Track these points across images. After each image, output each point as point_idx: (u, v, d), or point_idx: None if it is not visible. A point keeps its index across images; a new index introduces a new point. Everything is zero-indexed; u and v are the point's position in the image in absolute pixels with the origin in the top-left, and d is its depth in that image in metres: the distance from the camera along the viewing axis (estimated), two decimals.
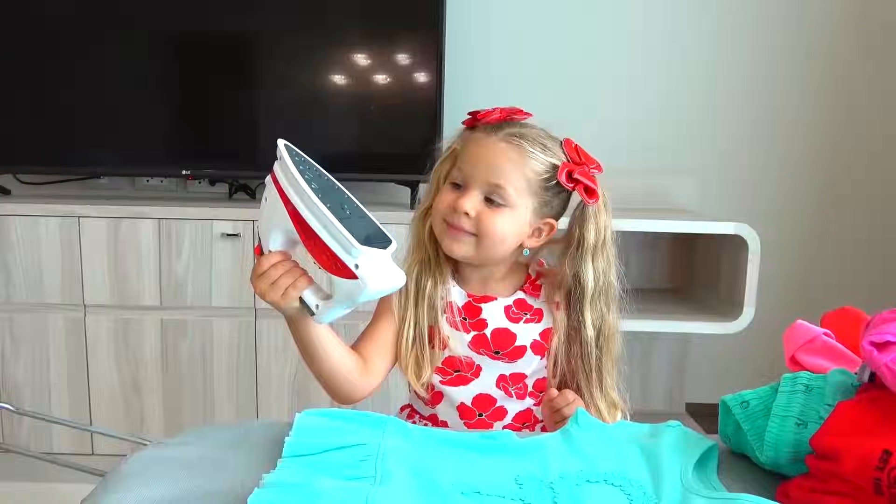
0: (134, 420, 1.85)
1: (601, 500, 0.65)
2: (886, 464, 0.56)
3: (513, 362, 0.97)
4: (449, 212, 0.92)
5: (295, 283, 0.82)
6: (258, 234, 0.83)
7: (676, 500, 0.64)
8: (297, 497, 0.58)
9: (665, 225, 1.80)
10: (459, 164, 0.93)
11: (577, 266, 0.94)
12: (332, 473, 0.64)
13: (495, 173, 0.90)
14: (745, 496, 0.61)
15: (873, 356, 0.59)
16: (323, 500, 0.58)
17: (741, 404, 0.73)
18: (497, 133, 0.92)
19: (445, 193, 0.94)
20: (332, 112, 1.98)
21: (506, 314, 0.97)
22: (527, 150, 0.91)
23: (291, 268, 0.83)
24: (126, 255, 1.78)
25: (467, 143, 0.94)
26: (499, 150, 0.91)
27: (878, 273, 2.18)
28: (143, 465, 0.72)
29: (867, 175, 2.15)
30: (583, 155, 0.94)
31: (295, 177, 0.76)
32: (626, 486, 0.68)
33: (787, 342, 0.79)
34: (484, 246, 0.92)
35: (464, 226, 0.91)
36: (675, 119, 2.13)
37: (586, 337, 0.95)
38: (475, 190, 0.91)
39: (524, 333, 0.97)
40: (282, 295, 0.82)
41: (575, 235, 0.94)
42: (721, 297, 1.92)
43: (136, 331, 1.82)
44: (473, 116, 0.96)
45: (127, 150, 1.99)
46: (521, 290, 0.99)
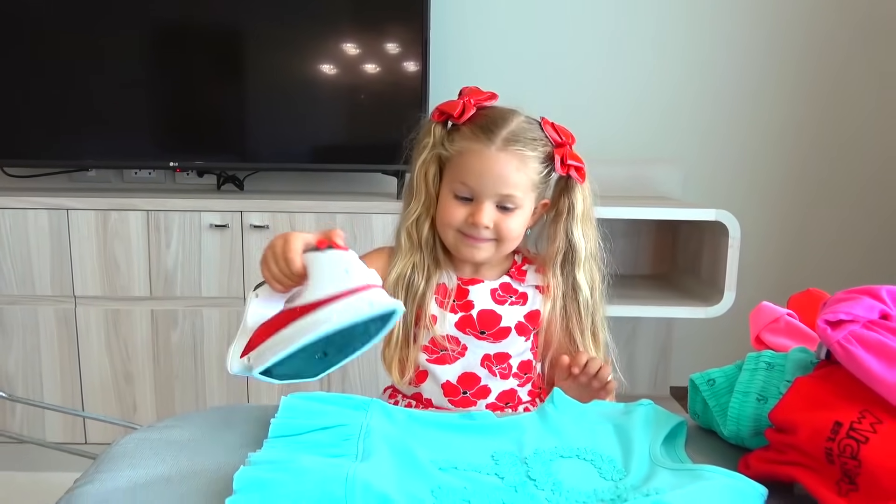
0: (126, 409, 1.88)
1: (572, 473, 0.68)
2: (837, 434, 0.59)
3: (497, 342, 1.02)
4: (466, 226, 0.96)
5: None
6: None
7: (644, 472, 0.67)
8: (281, 473, 0.61)
9: (647, 212, 1.83)
10: (462, 178, 0.95)
11: (569, 232, 1.00)
12: (315, 452, 0.67)
13: (504, 185, 0.94)
14: (707, 467, 0.65)
15: (827, 334, 0.62)
16: (306, 476, 0.60)
17: (708, 382, 0.76)
18: (493, 141, 0.94)
19: (454, 207, 0.96)
20: (318, 103, 1.99)
21: (492, 296, 1.02)
22: (527, 154, 0.95)
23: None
24: (115, 246, 1.80)
25: (465, 157, 0.95)
26: (501, 161, 0.94)
27: (855, 258, 2.23)
28: (133, 447, 0.75)
29: (847, 162, 2.19)
30: (561, 132, 0.98)
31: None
32: (597, 461, 0.71)
33: (753, 322, 0.82)
34: (503, 247, 0.99)
35: (484, 237, 0.96)
36: (657, 107, 2.16)
37: (582, 298, 1.01)
38: (487, 202, 0.95)
39: (509, 315, 1.02)
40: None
41: (565, 205, 1.00)
42: (703, 282, 1.96)
43: (127, 321, 1.84)
44: (446, 114, 0.98)
45: (114, 143, 2.00)
46: (507, 274, 1.04)
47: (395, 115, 2.04)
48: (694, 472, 0.64)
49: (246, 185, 2.09)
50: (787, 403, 0.65)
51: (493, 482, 0.66)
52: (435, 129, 0.99)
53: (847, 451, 0.58)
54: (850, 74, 2.15)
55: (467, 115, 0.96)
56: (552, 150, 0.97)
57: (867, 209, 2.22)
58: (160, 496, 0.64)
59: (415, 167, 1.00)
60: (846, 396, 0.61)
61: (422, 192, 1.00)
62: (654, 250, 2.20)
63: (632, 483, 0.66)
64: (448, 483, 0.64)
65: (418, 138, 1.01)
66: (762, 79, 2.15)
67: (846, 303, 0.63)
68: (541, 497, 0.63)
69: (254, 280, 1.81)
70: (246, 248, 1.81)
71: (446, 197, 0.98)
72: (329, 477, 0.60)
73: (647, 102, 2.16)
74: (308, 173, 2.15)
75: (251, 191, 2.07)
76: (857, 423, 0.58)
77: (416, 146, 1.01)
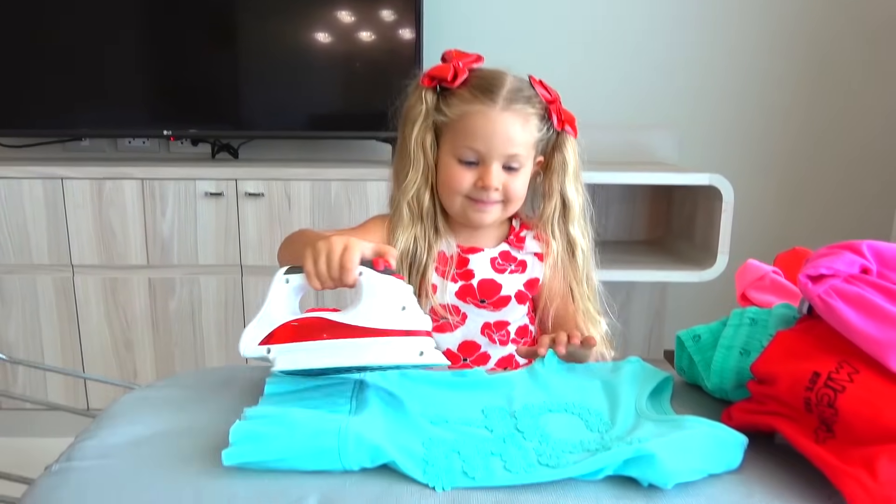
0: (127, 376, 1.90)
1: (560, 425, 0.70)
2: (815, 384, 0.61)
3: (497, 310, 1.03)
4: (475, 191, 0.96)
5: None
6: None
7: (629, 424, 0.69)
8: (277, 427, 0.62)
9: (641, 177, 1.83)
10: (467, 142, 0.94)
11: (563, 187, 1.01)
12: (310, 407, 0.69)
13: (511, 144, 0.94)
14: (689, 417, 0.67)
15: (808, 288, 0.64)
16: (300, 428, 0.62)
17: (693, 338, 0.78)
18: (496, 101, 0.93)
19: (460, 172, 0.95)
20: (311, 71, 1.98)
21: (491, 265, 1.03)
22: (529, 112, 0.95)
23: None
24: (111, 215, 1.81)
25: (469, 120, 0.94)
26: (507, 120, 0.93)
27: (848, 222, 2.24)
28: (132, 405, 0.77)
29: (840, 127, 2.19)
30: (549, 89, 0.98)
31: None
32: (585, 414, 0.73)
33: (739, 280, 0.83)
34: (509, 209, 0.99)
35: (493, 199, 0.96)
36: (652, 71, 2.15)
37: (580, 252, 1.03)
38: (495, 163, 0.95)
39: (509, 283, 1.02)
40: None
41: (559, 161, 1.00)
42: (697, 246, 1.97)
43: (125, 290, 1.85)
44: (437, 79, 0.96)
45: (108, 112, 1.99)
46: (506, 241, 1.04)
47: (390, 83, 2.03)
48: (676, 422, 0.66)
49: (240, 154, 2.08)
50: (768, 356, 0.66)
51: (483, 434, 0.68)
52: (426, 96, 0.97)
53: (825, 399, 0.60)
54: (846, 37, 2.13)
55: (461, 78, 0.95)
56: (546, 106, 0.97)
57: (861, 174, 2.22)
58: (159, 450, 0.66)
59: (410, 136, 0.98)
60: (825, 348, 0.63)
61: (420, 162, 0.98)
62: (650, 215, 2.21)
63: (617, 434, 0.68)
64: (438, 435, 0.66)
65: (408, 106, 0.99)
66: (757, 42, 2.13)
67: (828, 258, 0.64)
68: (528, 448, 0.65)
69: (250, 248, 1.84)
70: (241, 216, 1.82)
71: (449, 163, 0.96)
72: (323, 430, 0.62)
73: (642, 67, 2.15)
74: (302, 141, 2.15)
75: (246, 159, 2.07)
76: (834, 373, 0.60)
77: (407, 114, 0.99)
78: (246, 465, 0.61)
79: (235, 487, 0.60)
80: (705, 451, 0.61)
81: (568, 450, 0.65)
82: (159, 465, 0.64)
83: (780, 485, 0.61)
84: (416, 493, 0.59)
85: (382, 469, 0.62)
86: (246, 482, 0.60)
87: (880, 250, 0.64)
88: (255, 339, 0.71)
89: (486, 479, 0.60)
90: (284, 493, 0.59)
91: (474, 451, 0.64)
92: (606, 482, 0.61)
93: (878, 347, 0.58)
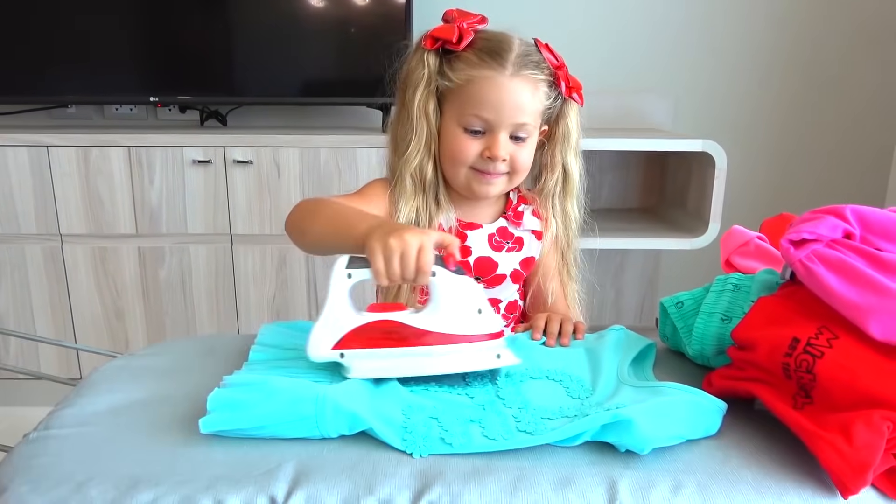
0: (119, 345, 1.90)
1: (540, 392, 0.70)
2: (794, 350, 0.60)
3: (491, 288, 1.00)
4: (481, 162, 0.91)
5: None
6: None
7: (609, 390, 0.69)
8: (255, 394, 0.62)
9: (633, 143, 1.81)
10: (474, 109, 0.88)
11: (565, 158, 0.97)
12: (290, 374, 0.69)
13: (520, 113, 0.89)
14: (669, 384, 0.67)
15: (790, 253, 0.63)
16: (278, 396, 0.62)
17: (676, 305, 0.78)
18: (505, 67, 0.87)
19: (465, 142, 0.90)
20: (300, 36, 1.94)
21: (489, 242, 0.99)
22: (538, 78, 0.90)
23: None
24: (98, 183, 1.79)
25: (476, 86, 0.88)
26: (517, 88, 0.88)
27: (842, 188, 2.23)
28: (113, 373, 0.76)
29: (834, 93, 2.16)
30: (555, 53, 0.93)
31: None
32: (566, 381, 0.73)
33: (723, 246, 0.83)
34: (515, 180, 0.95)
35: (500, 171, 0.92)
36: (646, 35, 2.11)
37: (574, 226, 1.01)
38: (503, 132, 0.89)
39: (505, 262, 1.00)
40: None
41: (562, 129, 0.96)
42: (689, 213, 1.96)
43: (114, 259, 1.84)
44: (440, 41, 0.89)
45: (95, 78, 1.95)
46: (503, 217, 1.01)
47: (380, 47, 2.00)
48: (656, 388, 0.66)
49: (229, 121, 2.06)
50: (748, 321, 0.66)
51: (463, 401, 0.68)
52: (428, 58, 0.90)
53: (803, 365, 0.60)
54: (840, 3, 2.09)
55: (466, 40, 0.88)
56: (553, 73, 0.92)
57: (855, 140, 2.20)
58: (138, 418, 0.66)
59: (412, 102, 0.91)
60: (806, 314, 0.62)
61: (423, 130, 0.92)
62: (643, 183, 2.20)
63: (597, 401, 0.68)
64: (418, 402, 0.66)
65: (409, 69, 0.92)
66: (753, 6, 2.09)
67: (810, 222, 0.63)
68: (508, 414, 0.65)
69: (240, 217, 1.82)
70: (230, 185, 1.80)
71: (453, 132, 0.91)
72: (301, 397, 0.62)
73: (636, 31, 2.11)
74: (292, 108, 2.11)
75: (234, 126, 2.05)
76: (814, 338, 0.60)
77: (408, 78, 0.92)
78: (223, 433, 0.61)
79: (213, 454, 0.60)
80: (683, 418, 0.61)
81: (547, 416, 0.65)
82: (137, 432, 0.64)
83: (756, 450, 0.61)
84: (394, 460, 0.59)
85: (361, 436, 0.62)
86: (224, 449, 0.60)
87: (864, 215, 0.63)
88: (327, 342, 0.68)
89: (465, 446, 0.60)
90: (263, 459, 0.59)
91: (453, 417, 0.64)
92: (584, 448, 0.61)
93: (858, 313, 0.58)
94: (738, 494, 0.56)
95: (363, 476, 0.57)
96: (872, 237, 0.63)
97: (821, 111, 2.18)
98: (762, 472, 0.58)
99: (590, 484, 0.57)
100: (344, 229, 0.76)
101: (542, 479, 0.57)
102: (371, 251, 0.66)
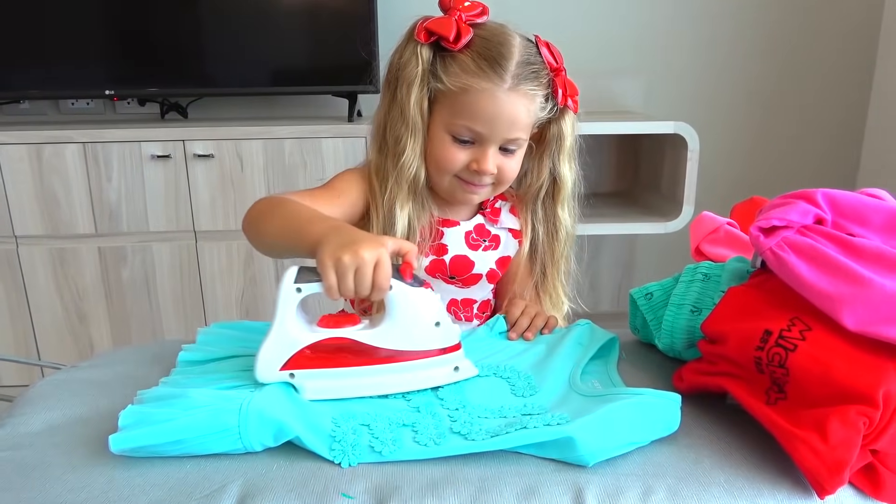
0: (83, 350, 1.84)
1: (484, 390, 0.67)
2: (766, 343, 0.58)
3: (466, 287, 0.96)
4: (467, 173, 0.86)
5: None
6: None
7: (556, 394, 0.66)
8: (171, 408, 0.58)
9: (605, 127, 1.78)
10: (467, 121, 0.83)
11: (556, 164, 0.92)
12: (213, 383, 0.65)
13: (513, 129, 0.84)
14: (618, 390, 0.64)
15: (760, 241, 0.60)
16: (198, 409, 0.58)
17: (646, 296, 0.75)
18: (504, 79, 0.81)
19: (453, 151, 0.85)
20: (263, 24, 1.87)
21: (466, 240, 0.95)
22: (536, 92, 0.84)
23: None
24: (53, 181, 1.72)
25: (471, 97, 0.82)
26: (513, 103, 0.82)
27: (813, 167, 2.22)
28: (52, 388, 0.71)
29: (806, 75, 2.15)
30: (556, 54, 0.87)
31: None
32: (513, 378, 0.70)
33: (693, 233, 0.80)
34: (500, 189, 0.91)
35: (486, 183, 0.88)
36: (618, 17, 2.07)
37: (563, 234, 0.96)
38: (493, 145, 0.84)
39: (481, 261, 0.96)
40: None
41: (555, 135, 0.91)
42: (663, 197, 1.94)
43: (74, 260, 1.77)
44: (436, 36, 0.82)
45: (48, 71, 1.87)
46: (481, 213, 0.97)
47: (343, 34, 1.95)
48: (603, 397, 0.63)
49: (190, 113, 1.99)
50: (718, 314, 0.63)
51: (398, 404, 0.65)
52: (422, 53, 0.83)
53: (776, 359, 0.57)
54: None
55: (464, 40, 0.81)
56: (552, 78, 0.86)
57: (828, 122, 2.19)
58: (75, 438, 0.62)
59: (408, 101, 0.84)
60: (777, 304, 0.59)
61: (419, 132, 0.85)
62: (617, 166, 2.17)
63: (540, 402, 0.64)
64: (350, 409, 0.63)
65: (401, 62, 0.85)
66: None
67: (780, 208, 0.61)
68: (443, 415, 0.62)
69: (203, 213, 1.76)
70: (192, 179, 1.74)
71: (441, 138, 0.85)
72: (222, 409, 0.58)
73: (607, 11, 2.07)
74: (255, 98, 2.05)
75: (196, 119, 1.98)
76: (786, 330, 0.57)
77: (402, 72, 0.85)
78: (137, 452, 0.57)
79: (152, 476, 0.56)
80: (634, 423, 0.58)
81: (483, 415, 0.62)
82: (73, 454, 0.59)
83: (729, 449, 0.59)
84: (348, 475, 0.56)
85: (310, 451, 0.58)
86: (164, 470, 0.56)
87: (835, 199, 0.61)
88: (275, 363, 0.64)
89: (394, 454, 0.57)
90: (205, 480, 0.55)
91: (385, 423, 0.60)
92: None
93: (831, 303, 0.55)
94: (711, 498, 0.53)
95: (314, 494, 0.53)
96: (844, 222, 0.60)
97: (791, 93, 2.16)
98: (735, 472, 0.56)
99: (555, 493, 0.53)
100: (296, 233, 0.70)
101: (505, 489, 0.54)
102: (322, 266, 0.61)
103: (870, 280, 0.54)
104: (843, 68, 2.14)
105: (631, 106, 2.11)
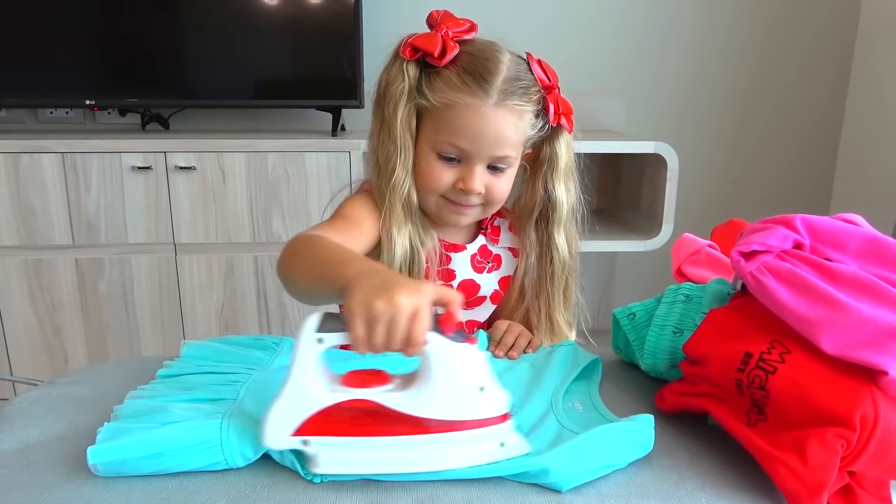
0: (58, 364, 1.81)
1: None
2: (747, 365, 0.58)
3: (471, 309, 0.96)
4: (454, 192, 0.84)
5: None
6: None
7: (537, 414, 0.66)
8: (150, 423, 0.58)
9: (585, 146, 1.79)
10: (451, 138, 0.81)
11: (550, 186, 0.90)
12: (194, 397, 0.64)
13: (500, 146, 0.82)
14: (596, 414, 0.65)
15: (740, 265, 0.61)
16: (177, 425, 0.57)
17: (628, 316, 0.75)
18: (489, 94, 0.79)
19: (439, 170, 0.83)
20: (246, 36, 1.87)
21: (472, 263, 0.94)
22: (524, 109, 0.82)
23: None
24: (30, 192, 1.69)
25: (456, 113, 0.80)
26: (499, 119, 0.80)
27: (792, 189, 2.27)
28: (28, 406, 0.70)
29: (786, 95, 2.20)
30: (548, 72, 0.86)
31: None
32: None
33: (675, 254, 0.81)
34: (490, 210, 0.89)
35: (474, 203, 0.85)
36: (601, 37, 2.11)
37: (559, 259, 0.92)
38: (480, 164, 0.82)
39: (486, 283, 0.95)
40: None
41: (547, 155, 0.89)
42: (643, 215, 1.97)
43: (50, 272, 1.75)
44: (421, 52, 0.81)
45: (27, 79, 1.85)
46: (482, 234, 0.96)
47: (328, 49, 1.96)
48: (581, 422, 0.63)
49: (172, 125, 1.98)
50: (699, 335, 0.64)
51: None
52: (408, 70, 0.82)
53: (756, 381, 0.58)
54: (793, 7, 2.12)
55: (449, 56, 0.80)
56: (543, 95, 0.84)
57: (808, 141, 2.24)
58: (53, 457, 0.61)
59: (394, 119, 0.82)
60: (757, 327, 0.60)
61: (408, 151, 0.84)
62: (598, 185, 2.20)
63: (520, 423, 0.65)
64: None
65: (388, 80, 0.84)
66: (703, 9, 2.11)
67: (760, 233, 0.62)
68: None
69: (184, 225, 1.75)
70: (172, 192, 1.72)
71: (428, 157, 0.83)
72: (202, 423, 0.58)
73: (588, 32, 2.10)
74: (238, 111, 2.05)
75: (177, 130, 1.97)
76: (766, 353, 0.58)
77: (388, 90, 0.83)
78: (117, 469, 0.56)
79: (132, 496, 0.55)
80: (607, 447, 0.58)
81: None
82: (50, 473, 0.58)
83: (711, 470, 0.59)
84: (333, 494, 0.55)
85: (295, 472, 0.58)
86: (145, 488, 0.55)
87: (813, 224, 0.62)
88: (286, 427, 0.55)
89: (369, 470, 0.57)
90: (188, 499, 0.54)
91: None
92: None
93: (810, 326, 0.56)
94: None
95: None
96: (822, 247, 0.62)
97: (768, 114, 2.21)
98: (716, 493, 0.56)
99: None
100: (325, 275, 0.63)
101: None
102: (350, 313, 0.52)
103: (847, 305, 0.55)
104: (819, 89, 2.20)
105: (612, 125, 2.14)
